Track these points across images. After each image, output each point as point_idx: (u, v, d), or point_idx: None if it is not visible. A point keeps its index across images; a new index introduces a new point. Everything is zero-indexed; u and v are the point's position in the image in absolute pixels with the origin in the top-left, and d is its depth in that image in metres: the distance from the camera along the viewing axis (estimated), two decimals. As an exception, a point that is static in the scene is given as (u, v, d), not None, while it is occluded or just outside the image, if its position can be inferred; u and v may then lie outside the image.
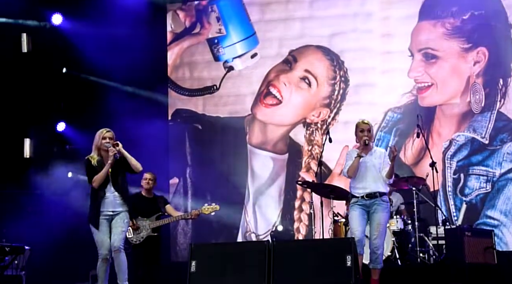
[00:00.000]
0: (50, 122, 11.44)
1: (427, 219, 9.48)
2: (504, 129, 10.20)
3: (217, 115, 11.37)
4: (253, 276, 6.64)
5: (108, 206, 7.13)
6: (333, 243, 7.05)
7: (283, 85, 11.06)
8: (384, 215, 7.13)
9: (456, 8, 10.46)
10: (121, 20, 10.84)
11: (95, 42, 10.84)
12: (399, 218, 9.14)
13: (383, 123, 10.68)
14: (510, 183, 10.07)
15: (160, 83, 11.70)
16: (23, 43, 11.27)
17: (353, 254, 6.49)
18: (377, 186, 7.21)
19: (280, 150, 10.94)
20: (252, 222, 10.98)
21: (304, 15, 11.19)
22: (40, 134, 11.45)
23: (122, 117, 10.48)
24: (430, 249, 9.16)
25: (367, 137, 7.26)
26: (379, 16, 10.88)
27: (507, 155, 10.13)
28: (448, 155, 10.33)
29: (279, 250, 6.74)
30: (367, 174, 7.23)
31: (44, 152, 11.39)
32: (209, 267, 6.83)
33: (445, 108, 10.47)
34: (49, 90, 11.50)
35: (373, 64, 10.84)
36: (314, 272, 6.53)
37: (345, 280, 6.35)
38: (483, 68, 10.35)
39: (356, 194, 7.24)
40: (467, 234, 8.19)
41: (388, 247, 8.63)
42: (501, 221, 10.01)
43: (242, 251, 7.02)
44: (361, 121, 7.40)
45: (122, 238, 7.07)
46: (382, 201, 7.18)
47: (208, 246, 7.96)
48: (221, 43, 11.42)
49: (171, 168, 11.44)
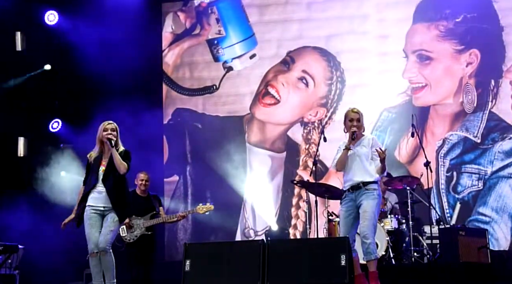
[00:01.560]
0: (44, 120, 11.28)
1: (421, 218, 9.41)
2: (495, 129, 10.22)
3: (216, 114, 11.38)
4: (248, 276, 6.55)
5: (97, 201, 6.83)
6: (327, 242, 6.90)
7: (281, 85, 11.10)
8: (370, 202, 6.65)
9: (449, 11, 10.50)
10: (116, 19, 10.78)
11: (90, 41, 10.75)
12: (393, 218, 9.03)
13: (378, 122, 10.69)
14: (501, 181, 10.08)
15: (155, 82, 11.65)
16: (18, 41, 11.12)
17: (347, 254, 6.36)
18: (362, 176, 6.73)
19: (278, 148, 10.98)
20: (251, 218, 10.96)
21: (301, 17, 11.22)
22: (35, 133, 11.32)
23: (117, 116, 10.04)
24: (424, 249, 9.09)
25: (355, 128, 6.77)
26: (375, 19, 10.91)
27: (498, 154, 10.14)
28: (442, 153, 10.36)
29: (273, 250, 6.63)
30: (353, 165, 6.78)
31: (38, 150, 11.26)
32: (204, 267, 6.73)
33: (438, 108, 10.49)
34: (43, 89, 11.37)
35: (368, 65, 10.85)
36: (309, 271, 6.44)
37: (339, 280, 6.26)
38: (475, 69, 10.38)
39: (344, 188, 6.90)
40: (461, 233, 8.15)
41: (382, 246, 8.57)
42: (493, 218, 10.03)
43: (237, 250, 6.91)
44: (350, 109, 6.94)
45: (108, 238, 6.77)
46: (367, 189, 6.68)
47: (202, 246, 7.82)
48: (220, 44, 11.43)
49: (172, 166, 11.41)
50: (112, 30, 10.71)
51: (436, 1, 10.62)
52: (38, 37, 11.27)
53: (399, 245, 8.99)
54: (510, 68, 10.26)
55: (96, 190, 6.82)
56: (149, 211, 8.61)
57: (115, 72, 10.79)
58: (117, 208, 6.81)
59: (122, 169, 6.78)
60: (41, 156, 11.18)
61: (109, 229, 6.77)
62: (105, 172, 6.84)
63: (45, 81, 11.34)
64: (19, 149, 11.23)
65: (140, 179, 8.73)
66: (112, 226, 6.79)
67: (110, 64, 10.66)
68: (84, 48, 10.73)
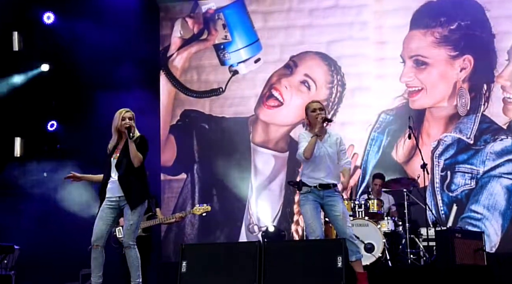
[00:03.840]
0: (41, 121, 11.05)
1: (418, 220, 9.34)
2: (487, 131, 10.30)
3: (222, 115, 11.41)
4: (244, 277, 6.35)
5: (112, 191, 6.36)
6: (324, 244, 6.56)
7: (284, 88, 11.16)
8: (342, 205, 6.49)
9: (444, 19, 10.56)
10: (113, 19, 10.62)
11: (86, 41, 10.52)
12: (390, 220, 8.92)
13: (377, 124, 10.76)
14: (493, 180, 10.16)
15: (152, 83, 11.51)
16: (14, 41, 10.89)
17: (344, 255, 6.13)
18: (332, 178, 6.49)
19: (281, 148, 11.02)
20: (255, 215, 10.97)
21: (304, 23, 11.24)
22: (31, 133, 11.05)
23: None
24: (421, 251, 8.98)
25: (323, 114, 6.47)
26: (374, 25, 10.95)
27: (490, 154, 10.21)
28: (436, 154, 10.42)
29: (270, 251, 6.44)
30: (321, 164, 6.47)
31: (35, 151, 10.98)
32: (200, 268, 6.51)
33: (433, 111, 10.56)
34: (40, 89, 11.08)
35: (367, 69, 10.88)
36: (305, 272, 6.25)
37: (335, 281, 6.06)
38: (468, 74, 10.45)
39: (308, 183, 6.51)
40: (457, 235, 7.99)
41: (379, 248, 8.49)
42: (484, 215, 10.11)
43: (233, 252, 6.70)
44: (310, 102, 6.63)
45: (130, 233, 6.30)
46: (336, 191, 6.52)
47: (199, 247, 7.62)
48: (226, 49, 11.47)
49: (180, 165, 11.40)
50: (109, 30, 10.51)
51: (432, 9, 10.66)
52: (35, 37, 11.04)
53: (396, 247, 8.91)
54: (501, 73, 10.35)
55: (111, 180, 6.38)
56: (146, 212, 8.08)
57: (112, 72, 10.68)
58: (129, 196, 6.28)
59: (137, 162, 6.31)
60: (38, 156, 10.91)
61: (129, 223, 6.29)
62: (118, 159, 6.39)
63: (42, 81, 11.12)
64: (15, 149, 11.01)
65: None
66: (131, 218, 6.28)
67: (106, 64, 10.55)
68: (81, 48, 10.56)
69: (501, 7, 10.52)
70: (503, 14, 10.50)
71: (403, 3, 10.92)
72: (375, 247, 8.52)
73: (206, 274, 6.49)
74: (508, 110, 10.37)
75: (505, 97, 10.38)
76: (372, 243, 8.57)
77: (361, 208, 8.89)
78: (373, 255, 8.50)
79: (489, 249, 9.01)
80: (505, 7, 10.49)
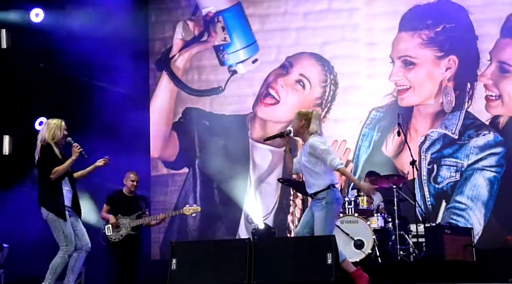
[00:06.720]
0: (30, 119, 10.76)
1: (407, 216, 9.23)
2: (471, 126, 10.47)
3: (222, 113, 11.52)
4: (234, 274, 6.31)
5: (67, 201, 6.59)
6: (314, 240, 6.47)
7: (281, 87, 11.29)
8: (317, 214, 6.44)
9: (430, 21, 10.71)
10: (103, 16, 10.56)
11: (76, 38, 10.38)
12: (379, 216, 8.85)
13: (368, 120, 10.90)
14: (476, 172, 10.34)
15: (141, 79, 11.51)
16: (2, 39, 10.68)
17: (334, 252, 6.10)
18: (310, 188, 6.52)
19: (278, 144, 10.60)
20: (253, 207, 11.00)
21: (299, 26, 11.36)
22: (20, 131, 10.81)
23: (103, 114, 10.32)
24: (410, 247, 8.87)
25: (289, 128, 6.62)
26: (364, 28, 11.08)
27: (473, 149, 10.40)
28: (423, 148, 10.58)
29: (260, 248, 6.38)
30: (304, 175, 6.61)
31: (24, 149, 10.35)
32: (190, 265, 6.45)
33: (421, 108, 10.71)
34: (29, 87, 10.87)
35: (359, 69, 11.02)
36: (295, 269, 6.20)
37: (325, 278, 6.04)
38: (453, 73, 10.61)
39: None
40: (447, 232, 7.99)
41: (368, 245, 8.45)
42: (468, 205, 10.31)
43: (223, 249, 6.63)
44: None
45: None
46: (317, 199, 6.47)
47: (189, 244, 7.54)
48: (226, 50, 11.58)
49: (182, 160, 11.51)
50: (98, 27, 10.46)
51: (419, 13, 10.81)
52: (24, 35, 10.77)
53: (385, 243, 8.83)
54: (484, 73, 10.52)
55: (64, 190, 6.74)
56: (135, 210, 8.35)
57: (102, 70, 10.64)
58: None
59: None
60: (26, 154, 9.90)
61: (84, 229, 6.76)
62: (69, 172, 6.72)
63: (31, 79, 10.90)
64: (4, 147, 10.81)
65: (131, 179, 8.40)
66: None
67: (96, 61, 10.48)
68: (70, 46, 10.39)
69: (483, 11, 10.67)
70: (485, 17, 10.65)
71: (392, 7, 11.03)
72: (365, 243, 8.53)
73: (196, 272, 6.44)
74: (490, 107, 10.52)
75: (488, 95, 10.54)
76: (362, 239, 8.59)
77: (351, 204, 8.89)
78: (363, 252, 8.52)
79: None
80: (487, 11, 10.65)
